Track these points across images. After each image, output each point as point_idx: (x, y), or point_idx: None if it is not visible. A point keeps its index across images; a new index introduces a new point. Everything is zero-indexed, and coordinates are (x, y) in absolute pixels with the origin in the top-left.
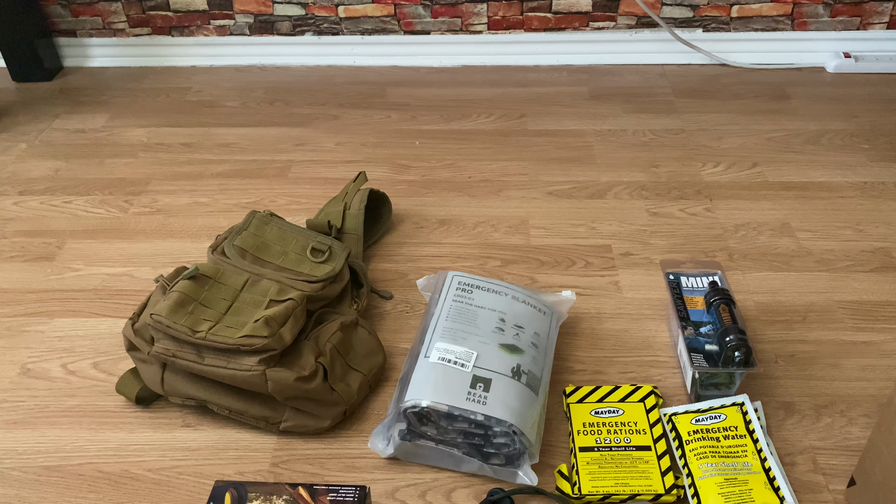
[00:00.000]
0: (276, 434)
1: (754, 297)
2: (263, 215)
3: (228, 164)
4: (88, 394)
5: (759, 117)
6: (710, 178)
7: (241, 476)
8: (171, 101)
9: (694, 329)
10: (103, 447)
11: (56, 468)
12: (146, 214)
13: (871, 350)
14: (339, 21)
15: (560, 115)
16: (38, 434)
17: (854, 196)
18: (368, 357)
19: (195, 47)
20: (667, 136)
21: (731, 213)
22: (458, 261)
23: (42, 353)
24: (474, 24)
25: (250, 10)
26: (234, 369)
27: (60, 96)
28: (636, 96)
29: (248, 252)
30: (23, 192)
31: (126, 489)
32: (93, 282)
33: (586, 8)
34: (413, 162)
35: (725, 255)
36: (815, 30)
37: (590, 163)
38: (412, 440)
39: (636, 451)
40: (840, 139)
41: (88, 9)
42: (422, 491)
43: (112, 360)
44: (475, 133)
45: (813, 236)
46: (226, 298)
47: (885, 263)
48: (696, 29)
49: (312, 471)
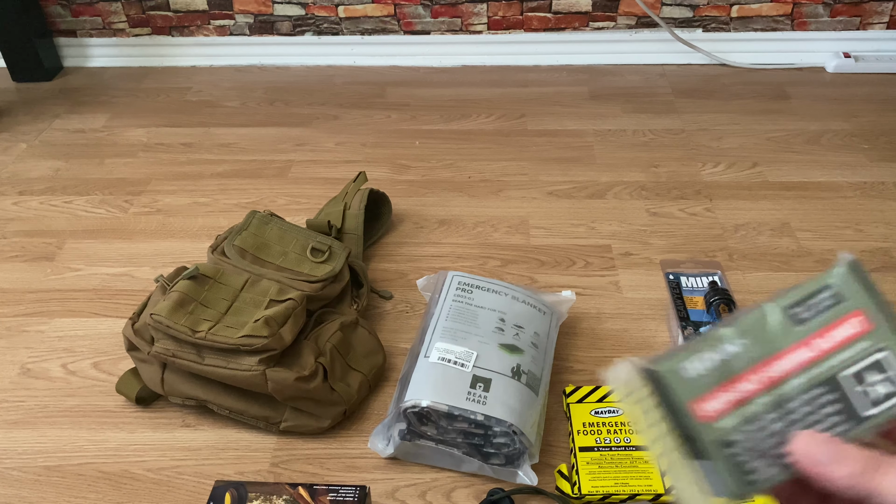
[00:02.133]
0: (276, 434)
1: (754, 298)
2: (263, 215)
3: (228, 164)
4: (88, 394)
5: (759, 117)
6: (710, 178)
7: (241, 476)
8: (171, 101)
9: (694, 329)
10: (103, 447)
11: (56, 468)
12: (146, 214)
13: None
14: (339, 21)
15: (560, 115)
16: (38, 434)
17: (854, 196)
18: (368, 357)
19: (195, 47)
20: (667, 136)
21: (731, 213)
22: (458, 261)
23: (42, 353)
24: (474, 24)
25: (250, 10)
26: (234, 369)
27: (60, 96)
28: (636, 96)
29: (248, 252)
30: (23, 192)
31: (126, 489)
32: (93, 282)
33: (586, 8)
34: (413, 162)
35: (725, 255)
36: (815, 30)
37: (590, 163)
38: (412, 440)
39: (636, 451)
40: (840, 139)
41: (88, 9)
42: (422, 491)
43: (112, 359)
44: (475, 133)
45: (813, 236)
46: (226, 298)
47: (885, 263)
48: (695, 29)
49: (312, 471)
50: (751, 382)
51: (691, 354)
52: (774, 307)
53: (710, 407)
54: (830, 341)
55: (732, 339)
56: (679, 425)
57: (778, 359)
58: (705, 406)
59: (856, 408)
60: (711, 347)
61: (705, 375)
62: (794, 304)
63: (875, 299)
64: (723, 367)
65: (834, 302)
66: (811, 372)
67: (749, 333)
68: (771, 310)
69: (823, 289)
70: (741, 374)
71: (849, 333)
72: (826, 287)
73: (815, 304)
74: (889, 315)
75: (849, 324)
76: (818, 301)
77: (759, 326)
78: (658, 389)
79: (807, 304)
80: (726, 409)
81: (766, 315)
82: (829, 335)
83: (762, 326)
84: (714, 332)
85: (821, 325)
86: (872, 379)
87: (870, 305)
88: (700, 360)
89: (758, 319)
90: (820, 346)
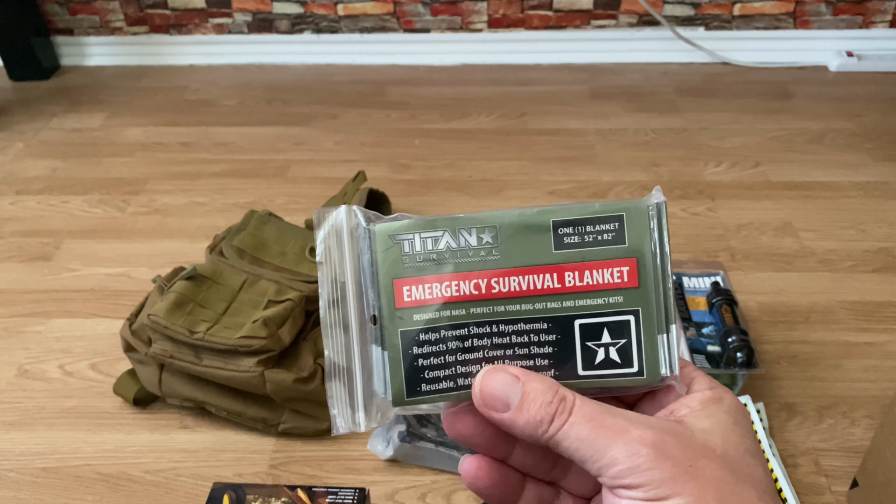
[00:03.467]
0: (275, 436)
1: (756, 298)
2: (262, 215)
3: (226, 164)
4: (86, 395)
5: (762, 116)
6: (713, 177)
7: (239, 478)
8: (168, 100)
9: (696, 330)
10: (101, 448)
11: (53, 469)
12: (144, 214)
13: (874, 351)
14: (338, 19)
15: (561, 113)
16: (36, 435)
17: (857, 196)
18: None
19: (193, 46)
20: (668, 136)
21: (734, 213)
22: None
23: (39, 354)
24: (474, 22)
25: (249, 9)
26: (232, 370)
27: (58, 95)
28: (638, 95)
29: (247, 252)
30: (20, 192)
31: (124, 491)
32: (90, 282)
33: (587, 6)
34: (413, 161)
35: (728, 256)
36: (818, 28)
37: (591, 162)
38: (412, 442)
39: None
40: (843, 138)
41: (86, 7)
42: (421, 493)
43: (109, 360)
44: (475, 132)
45: (815, 236)
46: (224, 299)
47: (887, 264)
48: (698, 27)
49: (311, 473)
50: (473, 287)
51: (423, 230)
52: (545, 217)
53: (416, 293)
54: (584, 280)
55: (480, 231)
56: (371, 298)
57: (516, 274)
58: (410, 290)
59: (573, 361)
60: (451, 230)
61: (426, 257)
62: (568, 223)
63: (659, 256)
64: (450, 257)
65: (613, 238)
66: (546, 303)
67: (501, 233)
68: (539, 218)
69: (611, 219)
70: (468, 273)
71: (607, 281)
72: (615, 218)
73: (593, 232)
74: (659, 278)
75: (616, 270)
76: (598, 230)
77: (517, 231)
78: (368, 248)
79: (584, 227)
80: (432, 301)
81: (530, 221)
82: (586, 273)
83: (520, 232)
84: (463, 216)
85: (582, 258)
86: (606, 340)
87: (648, 261)
88: (430, 240)
89: (519, 222)
90: (569, 281)
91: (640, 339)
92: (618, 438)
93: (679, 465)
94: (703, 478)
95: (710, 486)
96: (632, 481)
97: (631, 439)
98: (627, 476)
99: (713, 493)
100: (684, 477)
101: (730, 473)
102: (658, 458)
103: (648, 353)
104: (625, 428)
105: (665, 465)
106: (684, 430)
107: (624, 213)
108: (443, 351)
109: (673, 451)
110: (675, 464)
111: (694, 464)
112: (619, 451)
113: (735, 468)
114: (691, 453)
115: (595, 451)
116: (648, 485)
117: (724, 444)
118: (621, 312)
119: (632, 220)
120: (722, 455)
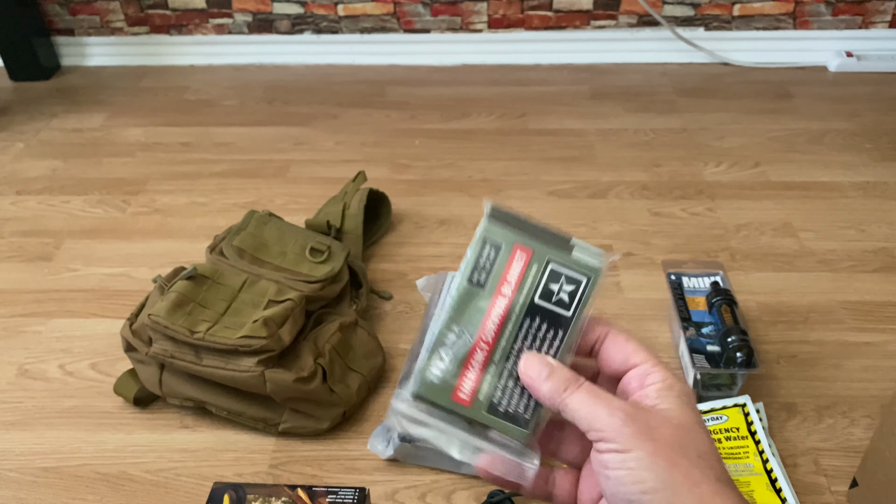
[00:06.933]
0: (275, 435)
1: (756, 298)
2: (262, 215)
3: (227, 164)
4: (86, 395)
5: (761, 116)
6: (712, 177)
7: (239, 477)
8: (169, 101)
9: (696, 330)
10: (101, 448)
11: (54, 469)
12: (144, 214)
13: (874, 351)
14: (338, 19)
15: (561, 114)
16: (36, 435)
17: (856, 196)
18: (368, 358)
19: (193, 46)
20: (668, 136)
21: (733, 213)
22: (458, 261)
23: (39, 354)
24: (474, 22)
25: (249, 9)
26: (232, 370)
27: (58, 95)
28: (637, 95)
29: (247, 252)
30: (20, 192)
31: (124, 490)
32: (90, 282)
33: (587, 6)
34: (413, 161)
35: (727, 256)
36: (817, 29)
37: (591, 162)
38: (412, 442)
39: None
40: (842, 139)
41: (86, 7)
42: (421, 493)
43: (110, 360)
44: (475, 132)
45: (815, 236)
46: (224, 299)
47: (887, 264)
48: (697, 27)
49: (311, 472)
50: (480, 351)
51: (430, 360)
52: (462, 283)
53: (465, 389)
54: (512, 282)
55: (450, 328)
56: (458, 418)
57: (486, 320)
58: (460, 392)
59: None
60: (440, 344)
61: (448, 370)
62: (472, 273)
63: (520, 231)
64: (456, 354)
65: (495, 251)
66: (514, 312)
67: (458, 316)
68: (461, 287)
69: (482, 247)
70: (471, 349)
71: (520, 268)
72: (483, 242)
73: (484, 261)
74: (536, 235)
75: (516, 260)
76: (485, 258)
77: (460, 306)
78: (427, 406)
79: (479, 266)
80: (476, 382)
81: (459, 294)
82: (507, 279)
83: (462, 305)
84: (436, 331)
85: (498, 275)
86: (555, 287)
87: (519, 238)
88: (439, 361)
89: (457, 302)
90: (507, 292)
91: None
92: (604, 406)
93: (642, 429)
94: (659, 438)
95: (663, 444)
96: (607, 436)
97: (613, 408)
98: (605, 431)
99: (665, 451)
100: (645, 436)
101: (680, 437)
102: (628, 422)
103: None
104: (610, 400)
105: (632, 426)
106: (650, 408)
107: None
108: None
109: (639, 418)
110: (640, 427)
111: (653, 429)
112: (602, 414)
113: (685, 434)
114: (653, 422)
115: (588, 413)
116: (618, 440)
117: (678, 418)
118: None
119: (492, 233)
120: (676, 425)
